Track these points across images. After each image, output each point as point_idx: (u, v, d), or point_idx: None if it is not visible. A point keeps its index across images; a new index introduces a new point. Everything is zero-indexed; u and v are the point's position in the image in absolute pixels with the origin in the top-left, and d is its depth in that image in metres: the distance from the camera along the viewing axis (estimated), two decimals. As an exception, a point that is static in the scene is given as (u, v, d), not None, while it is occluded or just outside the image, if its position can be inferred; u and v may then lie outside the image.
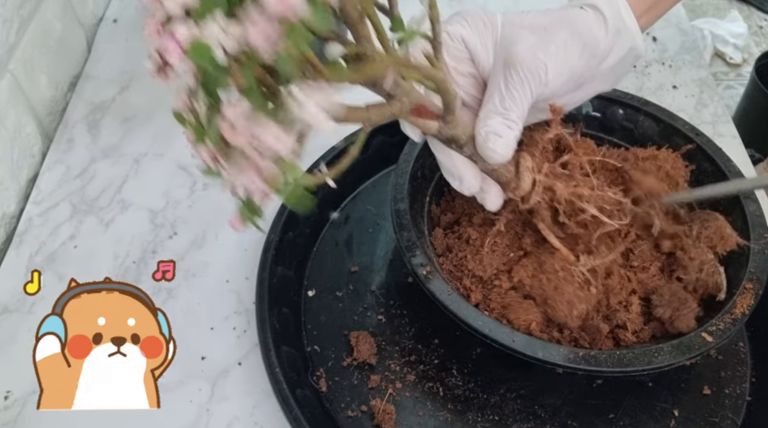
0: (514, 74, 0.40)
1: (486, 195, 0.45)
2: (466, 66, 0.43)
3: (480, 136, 0.41)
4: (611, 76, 0.44)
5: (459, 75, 0.43)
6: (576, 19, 0.41)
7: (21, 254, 0.56)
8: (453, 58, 0.43)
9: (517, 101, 0.41)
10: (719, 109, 0.69)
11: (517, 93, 0.40)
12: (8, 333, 0.51)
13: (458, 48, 0.42)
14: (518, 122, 0.41)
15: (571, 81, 0.42)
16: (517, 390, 0.48)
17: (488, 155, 0.41)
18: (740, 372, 0.50)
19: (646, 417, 0.47)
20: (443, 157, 0.44)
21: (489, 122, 0.41)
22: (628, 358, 0.41)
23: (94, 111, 0.68)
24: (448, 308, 0.43)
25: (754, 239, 0.46)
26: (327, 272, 0.55)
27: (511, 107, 0.41)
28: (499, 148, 0.41)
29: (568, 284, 0.45)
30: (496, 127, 0.41)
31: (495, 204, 0.45)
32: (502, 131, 0.41)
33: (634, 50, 0.43)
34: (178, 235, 0.58)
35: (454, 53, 0.42)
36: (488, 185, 0.45)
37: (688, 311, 0.45)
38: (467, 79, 0.44)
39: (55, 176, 0.62)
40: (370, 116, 0.36)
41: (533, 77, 0.40)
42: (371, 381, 0.48)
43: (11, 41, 0.60)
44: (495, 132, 0.41)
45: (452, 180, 0.45)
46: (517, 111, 0.41)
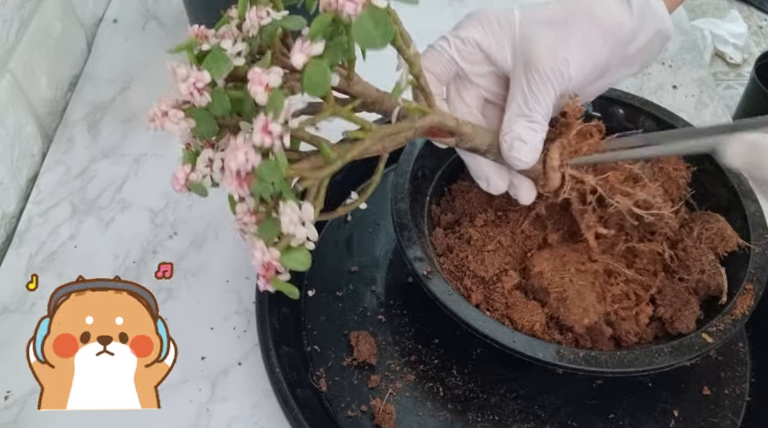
0: (536, 75, 0.39)
1: (518, 190, 0.44)
2: (483, 67, 0.42)
3: (505, 144, 0.41)
4: (638, 61, 0.43)
5: (478, 77, 0.43)
6: (595, 6, 0.40)
7: (21, 254, 0.56)
8: (468, 62, 0.42)
9: (541, 102, 0.40)
10: (719, 109, 0.69)
11: (540, 93, 0.40)
12: (8, 333, 0.51)
13: (471, 51, 0.42)
14: (543, 122, 0.40)
15: (596, 71, 0.41)
16: (517, 390, 0.48)
17: (515, 163, 0.41)
18: (740, 372, 0.50)
19: (645, 418, 0.47)
20: (469, 160, 0.44)
21: (514, 127, 0.40)
22: (629, 359, 0.41)
23: (94, 111, 0.68)
24: (449, 308, 0.43)
25: (754, 240, 0.46)
26: (327, 272, 0.55)
27: (534, 108, 0.40)
28: (524, 155, 0.40)
29: (590, 293, 0.45)
30: (520, 132, 0.40)
31: (528, 198, 0.44)
32: (527, 136, 0.40)
33: (663, 32, 0.41)
34: (178, 235, 0.58)
35: (468, 57, 0.42)
36: (519, 181, 0.44)
37: (689, 313, 0.45)
38: (487, 78, 0.43)
39: (55, 176, 0.62)
40: (385, 147, 0.36)
41: (555, 76, 0.39)
42: (371, 381, 0.48)
43: (11, 41, 0.60)
44: (520, 138, 0.40)
45: (480, 182, 0.44)
46: (541, 111, 0.40)
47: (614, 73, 0.43)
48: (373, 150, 0.36)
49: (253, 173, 0.29)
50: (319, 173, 0.33)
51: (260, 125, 0.29)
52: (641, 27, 0.41)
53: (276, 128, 0.29)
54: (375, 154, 0.36)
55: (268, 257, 0.30)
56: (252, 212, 0.31)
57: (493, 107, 0.44)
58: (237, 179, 0.30)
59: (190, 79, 0.31)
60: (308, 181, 0.32)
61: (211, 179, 0.33)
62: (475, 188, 0.52)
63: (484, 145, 0.42)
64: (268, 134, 0.29)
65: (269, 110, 0.29)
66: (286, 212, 0.30)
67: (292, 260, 0.31)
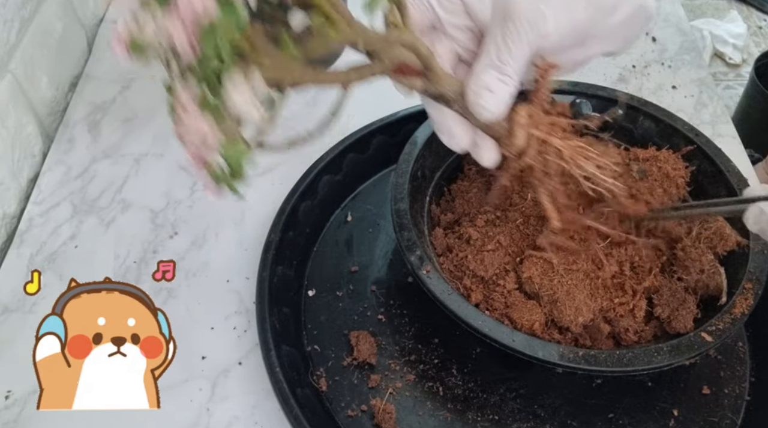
0: (512, 26, 0.38)
1: (480, 150, 0.42)
2: (460, 19, 0.41)
3: (471, 91, 0.39)
4: (619, 36, 0.42)
5: (454, 29, 0.41)
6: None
7: (22, 254, 0.56)
8: (446, 11, 0.41)
9: (514, 54, 0.38)
10: (719, 109, 0.69)
11: (515, 45, 0.38)
12: (8, 333, 0.51)
13: (451, 0, 0.41)
14: (514, 76, 0.39)
15: (574, 34, 0.40)
16: (516, 390, 0.48)
17: (479, 111, 0.39)
18: (739, 371, 0.50)
19: (645, 417, 0.47)
20: (434, 112, 0.42)
21: (482, 76, 0.39)
22: (628, 358, 0.41)
23: (94, 111, 0.68)
24: (448, 307, 0.43)
25: (753, 239, 0.46)
26: (327, 272, 0.55)
27: (507, 61, 0.38)
28: (491, 104, 0.39)
29: (580, 291, 0.45)
30: (489, 81, 0.39)
31: (490, 159, 0.43)
32: (496, 86, 0.39)
33: (644, 9, 0.41)
34: (178, 235, 0.58)
35: (447, 6, 0.41)
36: (482, 140, 0.42)
37: (686, 312, 0.45)
38: (463, 32, 0.42)
39: (56, 176, 0.62)
40: (350, 77, 0.35)
41: (532, 29, 0.38)
42: (371, 380, 0.48)
43: (12, 41, 0.60)
44: (487, 87, 0.39)
45: (442, 136, 0.43)
46: (513, 65, 0.39)
47: (594, 44, 0.42)
48: (337, 80, 0.34)
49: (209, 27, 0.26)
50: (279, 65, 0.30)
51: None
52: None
53: None
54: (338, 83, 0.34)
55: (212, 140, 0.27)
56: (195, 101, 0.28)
57: (466, 67, 0.42)
58: (186, 33, 0.26)
59: None
60: (266, 71, 0.29)
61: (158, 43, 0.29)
62: (475, 188, 0.52)
63: (451, 92, 0.40)
64: None
65: None
66: (237, 88, 0.27)
67: (230, 152, 0.28)
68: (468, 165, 0.54)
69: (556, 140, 0.41)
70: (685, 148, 0.51)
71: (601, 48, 0.42)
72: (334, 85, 0.34)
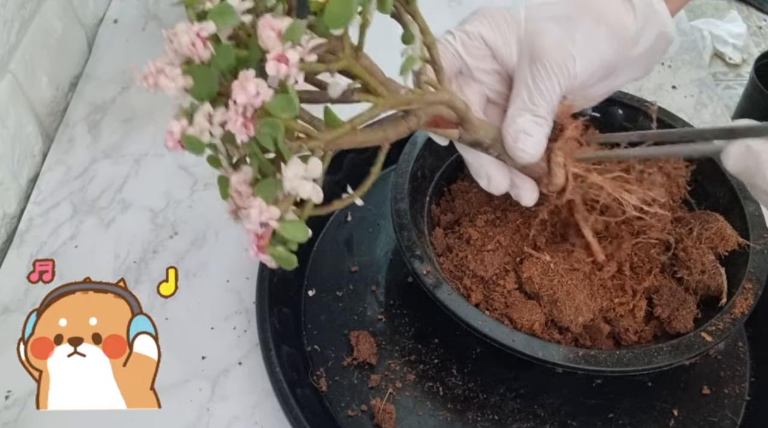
0: (541, 68, 0.39)
1: (520, 190, 0.44)
2: (487, 63, 0.42)
3: (509, 136, 0.40)
4: (642, 64, 0.43)
5: (482, 73, 0.42)
6: (601, 6, 0.40)
7: (22, 254, 0.56)
8: (473, 57, 0.42)
9: (546, 96, 0.39)
10: (718, 109, 0.69)
11: (545, 88, 0.39)
12: (8, 333, 0.51)
13: (477, 46, 0.41)
14: (548, 118, 0.40)
15: (601, 70, 0.41)
16: (516, 390, 0.48)
17: (519, 155, 0.40)
18: (739, 371, 0.50)
19: (645, 417, 0.47)
20: (470, 157, 0.43)
21: (518, 120, 0.40)
22: (628, 358, 0.41)
23: (94, 111, 0.68)
24: (448, 307, 0.43)
25: (753, 240, 0.46)
26: (327, 272, 0.55)
27: (539, 103, 0.39)
28: (529, 147, 0.40)
29: (580, 291, 0.45)
30: (525, 125, 0.40)
31: (530, 199, 0.44)
32: (532, 129, 0.40)
33: (665, 35, 0.42)
34: (178, 235, 0.58)
35: (473, 52, 0.42)
36: (521, 181, 0.43)
37: (686, 312, 0.45)
38: (491, 76, 0.43)
39: (56, 176, 0.62)
40: (387, 136, 0.35)
41: (561, 70, 0.39)
42: (371, 380, 0.48)
43: (12, 41, 0.60)
44: (525, 131, 0.40)
45: (481, 180, 0.44)
46: (546, 107, 0.40)
47: (619, 75, 0.43)
48: (376, 139, 0.35)
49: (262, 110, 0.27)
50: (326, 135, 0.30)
51: (275, 54, 0.26)
52: (645, 29, 0.41)
53: (293, 55, 0.26)
54: (377, 143, 0.35)
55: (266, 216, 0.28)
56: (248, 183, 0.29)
57: (495, 107, 0.44)
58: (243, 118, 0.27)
59: (193, 28, 0.28)
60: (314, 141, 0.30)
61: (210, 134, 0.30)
62: (475, 188, 0.52)
63: (488, 139, 0.41)
64: (283, 62, 0.26)
65: (287, 40, 0.27)
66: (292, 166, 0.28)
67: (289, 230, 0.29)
68: (468, 165, 0.54)
69: (595, 175, 0.42)
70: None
71: (626, 78, 0.44)
72: (374, 144, 0.35)
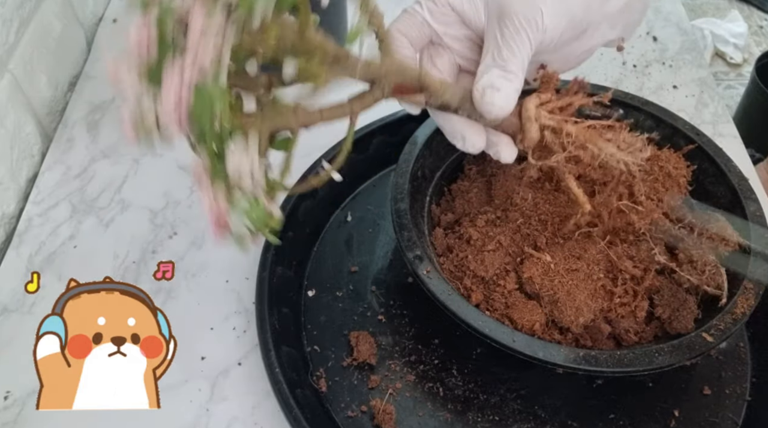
0: (509, 24, 0.38)
1: (497, 148, 0.43)
2: (457, 29, 0.41)
3: (477, 92, 0.39)
4: (619, 22, 0.42)
5: (452, 40, 0.42)
6: None
7: (21, 254, 0.56)
8: (441, 24, 0.41)
9: (515, 51, 0.39)
10: (719, 109, 0.69)
11: (515, 43, 0.38)
12: (8, 333, 0.51)
13: (444, 12, 0.41)
14: (518, 73, 0.39)
15: (572, 26, 0.40)
16: (517, 390, 0.48)
17: (487, 110, 0.39)
18: (740, 372, 0.50)
19: (646, 418, 0.47)
20: (441, 120, 0.42)
21: (485, 76, 0.39)
22: (629, 358, 0.41)
23: (93, 111, 0.67)
24: (448, 308, 0.43)
25: (754, 239, 0.46)
26: (327, 272, 0.55)
27: (508, 58, 0.39)
28: (497, 100, 0.39)
29: (581, 292, 0.45)
30: (493, 80, 0.39)
31: (509, 155, 0.43)
32: (500, 83, 0.39)
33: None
34: (178, 235, 0.58)
35: (441, 19, 0.41)
36: (497, 137, 0.42)
37: (687, 313, 0.45)
38: (462, 42, 0.42)
39: (55, 176, 0.62)
40: (352, 109, 0.35)
41: (530, 24, 0.38)
42: (371, 381, 0.48)
43: (11, 41, 0.60)
44: (492, 85, 0.39)
45: (456, 142, 0.43)
46: (515, 62, 0.39)
47: (593, 34, 0.42)
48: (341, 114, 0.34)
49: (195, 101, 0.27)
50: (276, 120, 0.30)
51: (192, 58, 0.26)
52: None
53: None
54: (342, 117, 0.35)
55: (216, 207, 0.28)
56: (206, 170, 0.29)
57: (467, 75, 0.43)
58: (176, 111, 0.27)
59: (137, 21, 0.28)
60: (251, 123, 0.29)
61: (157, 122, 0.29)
62: (475, 188, 0.52)
63: (455, 100, 0.40)
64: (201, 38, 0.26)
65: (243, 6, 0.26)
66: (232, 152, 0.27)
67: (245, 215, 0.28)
68: (468, 165, 0.54)
69: (570, 126, 0.41)
70: (686, 147, 0.51)
71: (602, 37, 0.42)
72: (340, 119, 0.35)
